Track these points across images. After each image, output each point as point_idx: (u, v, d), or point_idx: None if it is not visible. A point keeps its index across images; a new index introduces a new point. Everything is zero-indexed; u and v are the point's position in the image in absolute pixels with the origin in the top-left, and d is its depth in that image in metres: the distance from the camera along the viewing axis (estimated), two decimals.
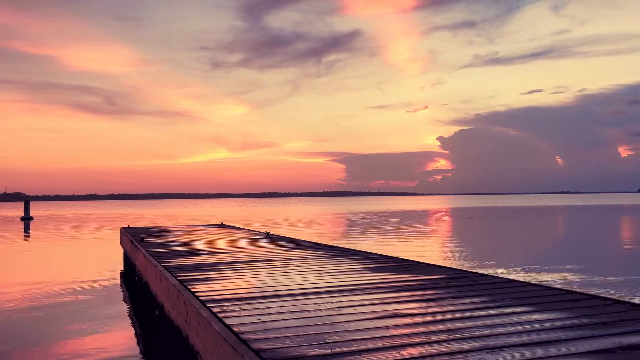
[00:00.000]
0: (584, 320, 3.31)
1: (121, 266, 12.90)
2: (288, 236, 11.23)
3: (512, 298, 4.06)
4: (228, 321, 3.41)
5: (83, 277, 11.53)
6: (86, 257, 16.41)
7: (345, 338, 2.97)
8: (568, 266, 12.31)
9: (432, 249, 16.98)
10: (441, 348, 2.75)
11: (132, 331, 6.96)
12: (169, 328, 5.05)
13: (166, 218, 43.35)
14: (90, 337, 6.62)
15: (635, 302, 3.85)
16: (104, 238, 23.53)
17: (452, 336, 2.99)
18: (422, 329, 3.17)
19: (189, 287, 4.78)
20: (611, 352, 2.62)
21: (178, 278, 5.31)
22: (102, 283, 10.81)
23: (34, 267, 13.82)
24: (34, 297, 9.38)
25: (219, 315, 3.61)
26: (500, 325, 3.21)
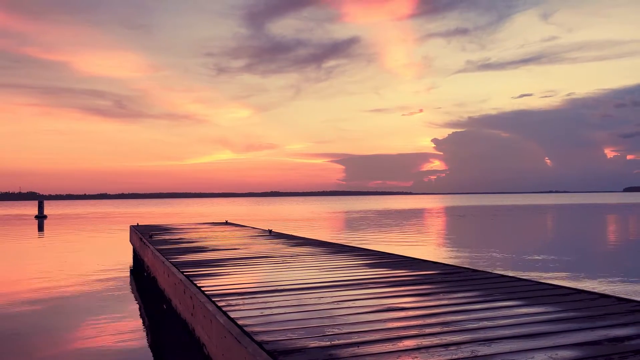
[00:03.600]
0: (571, 314, 3.31)
1: (130, 262, 12.89)
2: (290, 233, 11.22)
3: (503, 293, 4.06)
4: (232, 314, 3.42)
5: (94, 273, 11.53)
6: (97, 253, 16.41)
7: (344, 330, 2.97)
8: (556, 262, 12.31)
9: (427, 245, 16.97)
10: (435, 340, 2.75)
11: (141, 324, 6.96)
12: (176, 321, 5.05)
13: (173, 216, 43.33)
14: (101, 329, 6.62)
15: (621, 296, 3.85)
16: (114, 235, 23.52)
17: (446, 329, 2.99)
18: (418, 322, 3.17)
19: (195, 282, 4.78)
20: (598, 344, 2.62)
21: (185, 273, 5.31)
22: (113, 278, 10.81)
23: (47, 263, 13.82)
24: (48, 291, 9.39)
25: (223, 309, 3.61)
26: (491, 319, 3.21)
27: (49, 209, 68.73)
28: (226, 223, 15.46)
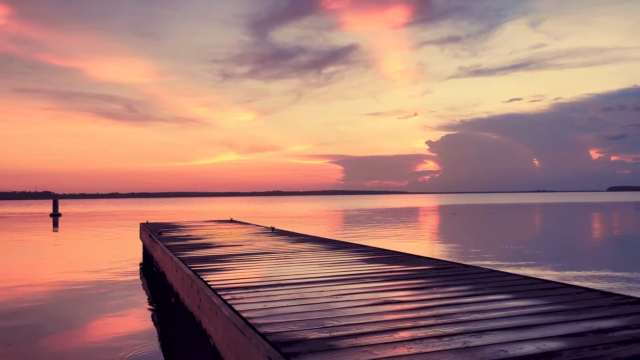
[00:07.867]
0: (558, 307, 3.31)
1: (140, 258, 12.89)
2: (291, 231, 11.22)
3: (493, 287, 4.06)
4: (237, 307, 3.42)
5: (106, 268, 11.53)
6: (109, 249, 16.40)
7: (343, 323, 2.97)
8: (544, 258, 12.31)
9: (421, 242, 16.96)
10: (429, 332, 2.75)
11: (150, 316, 6.97)
12: (184, 314, 5.05)
13: (181, 214, 43.32)
14: (112, 322, 6.62)
15: (605, 290, 3.86)
16: (125, 233, 23.52)
17: (439, 321, 2.99)
18: (412, 314, 3.17)
19: (202, 276, 4.78)
20: (583, 336, 2.63)
21: (192, 268, 5.31)
22: (124, 273, 10.81)
23: (62, 258, 13.82)
24: (63, 285, 9.39)
25: (228, 302, 3.61)
26: (483, 312, 3.21)
27: (63, 207, 68.68)
28: (231, 221, 15.45)
